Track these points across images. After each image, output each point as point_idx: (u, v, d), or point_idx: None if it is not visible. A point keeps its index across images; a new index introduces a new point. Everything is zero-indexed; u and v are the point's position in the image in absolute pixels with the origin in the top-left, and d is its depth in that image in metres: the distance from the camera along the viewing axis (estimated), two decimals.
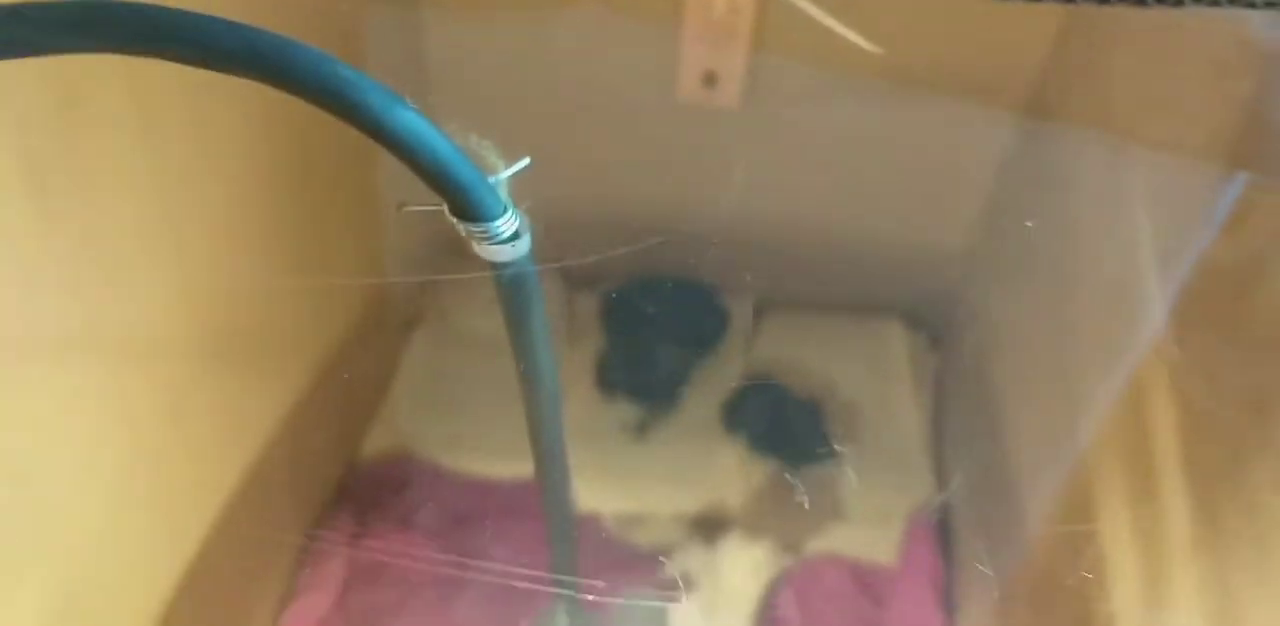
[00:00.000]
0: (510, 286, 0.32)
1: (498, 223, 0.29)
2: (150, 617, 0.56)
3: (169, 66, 0.23)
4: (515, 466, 0.84)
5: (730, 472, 0.85)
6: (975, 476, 0.78)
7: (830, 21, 0.33)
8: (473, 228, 0.29)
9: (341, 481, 0.82)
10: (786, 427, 0.88)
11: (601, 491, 0.83)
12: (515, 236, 0.30)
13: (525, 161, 0.31)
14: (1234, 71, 0.43)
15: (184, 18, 0.23)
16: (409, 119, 0.26)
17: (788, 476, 0.85)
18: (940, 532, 0.82)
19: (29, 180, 0.38)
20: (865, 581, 0.80)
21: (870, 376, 0.93)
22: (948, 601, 0.78)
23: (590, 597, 0.40)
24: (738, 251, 0.94)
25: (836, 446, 0.86)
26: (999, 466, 0.71)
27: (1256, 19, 0.33)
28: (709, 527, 0.82)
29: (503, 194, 0.29)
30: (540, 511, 0.39)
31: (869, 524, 0.82)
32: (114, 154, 0.45)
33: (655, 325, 0.90)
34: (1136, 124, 0.57)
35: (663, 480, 0.84)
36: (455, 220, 0.29)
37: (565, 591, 0.41)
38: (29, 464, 0.43)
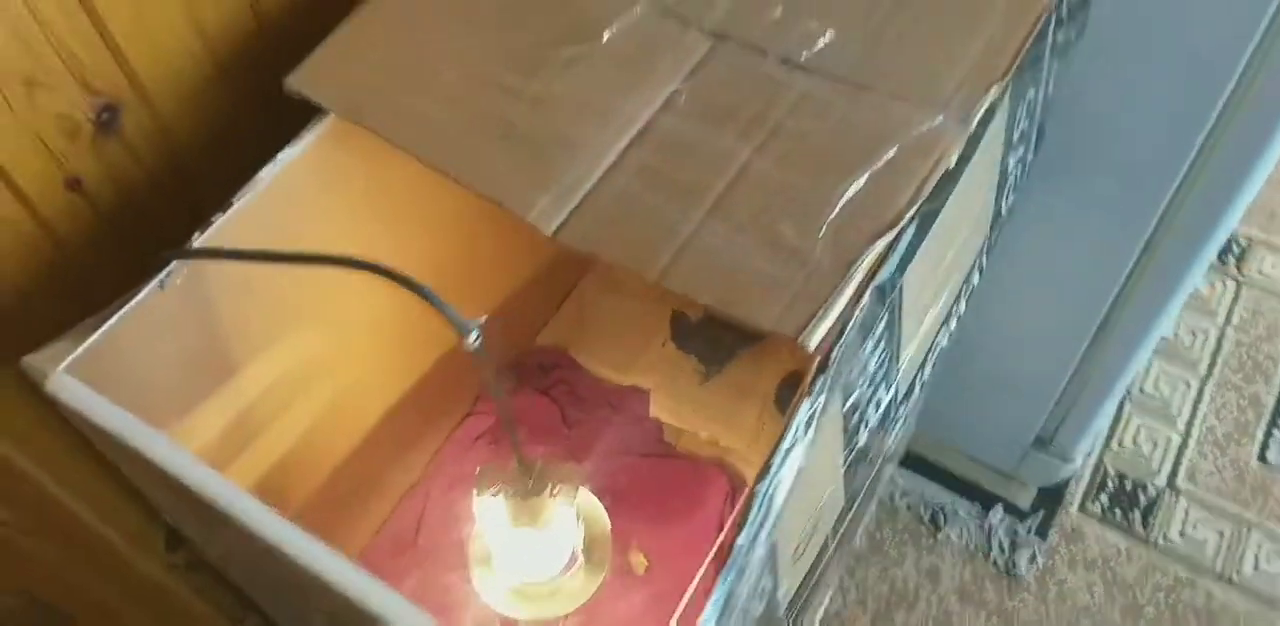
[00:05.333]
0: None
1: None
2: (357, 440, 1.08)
3: None
4: (630, 377, 1.27)
5: (751, 418, 1.23)
6: None
7: None
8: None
9: (515, 358, 1.29)
10: None
11: (665, 410, 1.25)
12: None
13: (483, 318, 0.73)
14: None
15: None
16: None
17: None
18: None
19: None
20: None
21: None
22: None
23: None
24: None
25: None
26: None
27: None
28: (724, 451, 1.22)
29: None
30: None
31: None
32: None
33: None
34: None
35: (707, 414, 1.25)
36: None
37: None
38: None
